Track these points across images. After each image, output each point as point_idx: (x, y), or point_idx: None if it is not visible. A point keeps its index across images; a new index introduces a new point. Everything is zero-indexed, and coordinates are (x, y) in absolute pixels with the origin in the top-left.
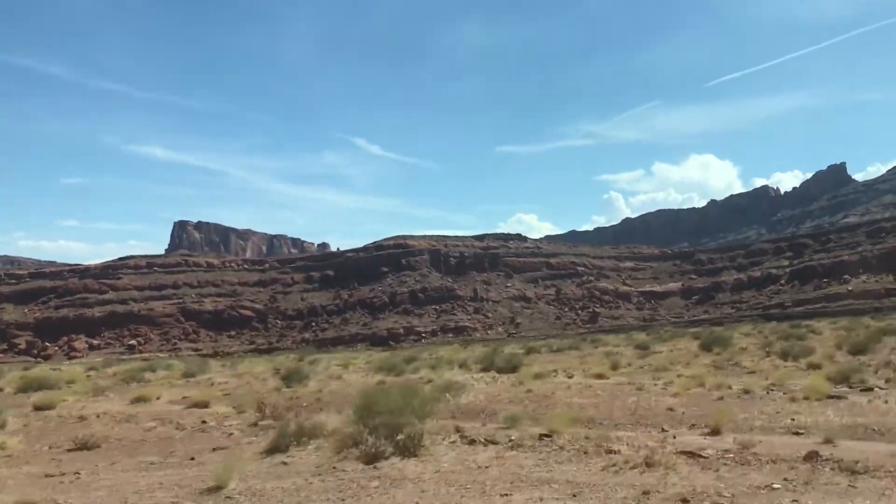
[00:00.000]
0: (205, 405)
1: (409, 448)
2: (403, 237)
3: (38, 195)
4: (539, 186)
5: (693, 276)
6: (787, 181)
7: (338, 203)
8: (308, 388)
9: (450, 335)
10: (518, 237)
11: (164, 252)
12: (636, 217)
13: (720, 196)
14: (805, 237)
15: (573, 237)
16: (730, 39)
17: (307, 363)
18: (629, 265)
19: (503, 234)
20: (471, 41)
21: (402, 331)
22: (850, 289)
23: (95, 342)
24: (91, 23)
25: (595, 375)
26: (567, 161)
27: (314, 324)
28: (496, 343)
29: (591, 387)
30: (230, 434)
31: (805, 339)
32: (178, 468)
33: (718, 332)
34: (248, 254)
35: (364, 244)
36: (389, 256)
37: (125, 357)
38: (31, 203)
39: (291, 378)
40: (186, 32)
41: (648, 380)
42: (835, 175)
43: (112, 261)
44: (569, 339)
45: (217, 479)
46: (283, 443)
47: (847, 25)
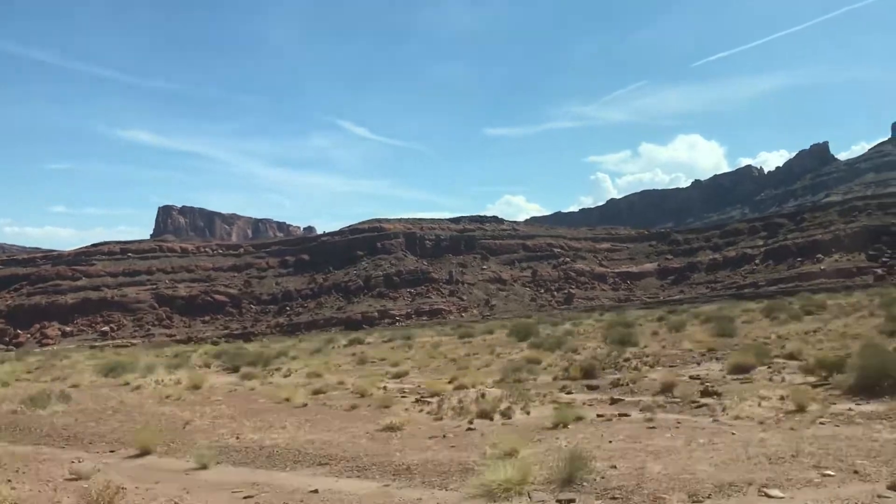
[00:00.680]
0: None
1: None
2: (379, 220)
3: (25, 181)
4: (527, 168)
5: (669, 257)
6: (773, 161)
7: (325, 186)
8: None
9: (424, 318)
10: (495, 219)
11: (150, 237)
12: (621, 198)
13: (707, 176)
14: (780, 217)
15: (558, 218)
16: (716, 19)
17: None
18: (606, 246)
19: (479, 217)
20: (457, 22)
21: (377, 314)
22: (823, 268)
23: (68, 329)
24: (76, 7)
25: (312, 375)
26: (555, 143)
27: (288, 308)
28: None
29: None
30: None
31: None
32: None
33: (525, 322)
34: (234, 238)
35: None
36: (365, 240)
37: (98, 344)
38: (17, 189)
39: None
40: (172, 16)
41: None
42: (817, 154)
43: (86, 247)
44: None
45: None
46: None
47: (835, 3)
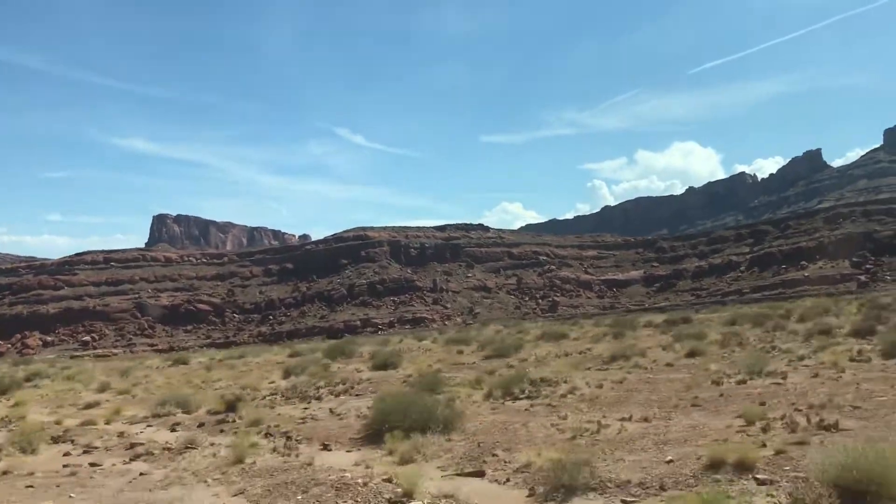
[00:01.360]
0: None
1: None
2: (364, 229)
3: (20, 190)
4: (523, 175)
5: (655, 264)
6: (769, 168)
7: (322, 193)
8: None
9: (407, 326)
10: (481, 227)
11: (144, 245)
12: (615, 205)
13: (703, 183)
14: (766, 224)
15: (553, 225)
16: (712, 26)
17: None
18: (592, 254)
19: (465, 225)
20: (453, 29)
21: (359, 323)
22: (807, 275)
23: (49, 339)
24: (71, 15)
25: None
26: (551, 150)
27: (271, 317)
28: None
29: None
30: None
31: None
32: None
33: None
34: (229, 246)
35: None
36: (349, 248)
37: (78, 354)
38: (13, 198)
39: None
40: (168, 23)
41: None
42: (810, 161)
43: (69, 256)
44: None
45: None
46: None
47: (831, 11)
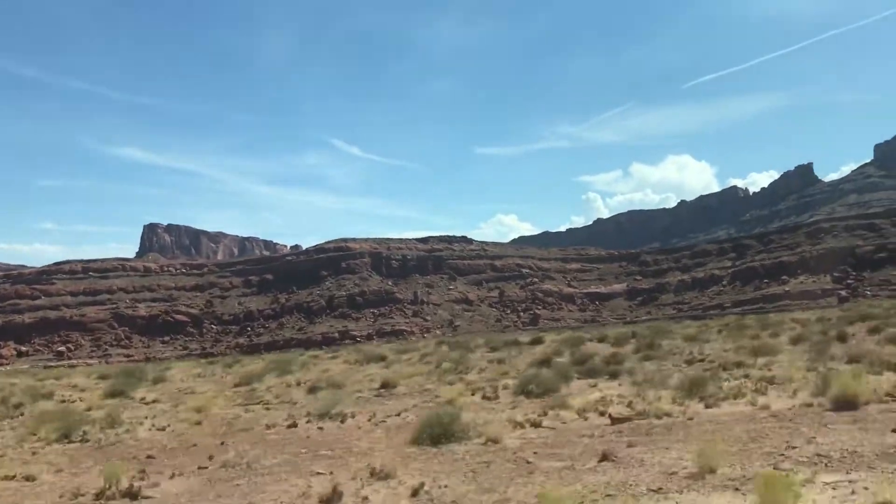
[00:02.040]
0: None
1: None
2: (345, 240)
3: (13, 198)
4: (519, 187)
5: (638, 278)
6: (763, 181)
7: (317, 204)
8: None
9: (385, 339)
10: (464, 239)
11: (135, 255)
12: (608, 218)
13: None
14: (749, 238)
15: (546, 238)
16: (707, 41)
17: None
18: (576, 267)
19: (448, 237)
20: (449, 41)
21: (338, 335)
22: (788, 289)
23: (24, 349)
24: (66, 24)
25: None
26: (546, 162)
27: (249, 329)
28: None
29: None
30: None
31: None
32: None
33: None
34: (220, 256)
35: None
36: (330, 260)
37: (53, 364)
38: (6, 206)
39: None
40: (164, 33)
41: None
42: (802, 176)
43: (47, 266)
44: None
45: None
46: None
47: (824, 28)
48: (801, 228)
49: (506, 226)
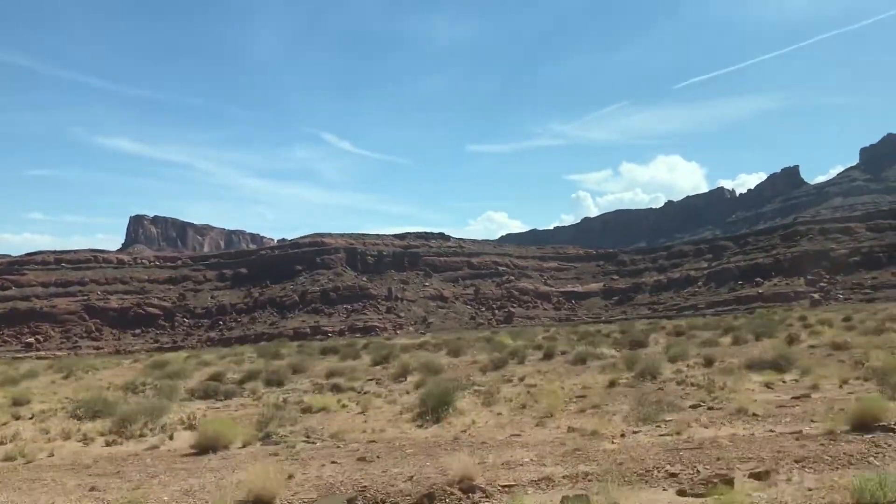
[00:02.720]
0: None
1: None
2: (321, 235)
3: (2, 187)
4: (510, 185)
5: (615, 277)
6: (751, 183)
7: (307, 198)
8: None
9: (358, 335)
10: (441, 236)
11: (121, 247)
12: (595, 217)
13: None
14: (725, 240)
15: (534, 236)
16: (698, 42)
17: None
18: (553, 265)
19: (425, 233)
20: (441, 37)
21: (309, 330)
22: (761, 291)
23: None
24: (58, 13)
25: None
26: (537, 160)
27: (221, 323)
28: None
29: None
30: None
31: None
32: None
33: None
34: (206, 249)
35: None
36: (304, 255)
37: (20, 356)
38: None
39: None
40: (156, 24)
41: None
42: (788, 178)
43: (20, 256)
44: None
45: None
46: None
47: (813, 31)
48: (777, 231)
49: (495, 223)
